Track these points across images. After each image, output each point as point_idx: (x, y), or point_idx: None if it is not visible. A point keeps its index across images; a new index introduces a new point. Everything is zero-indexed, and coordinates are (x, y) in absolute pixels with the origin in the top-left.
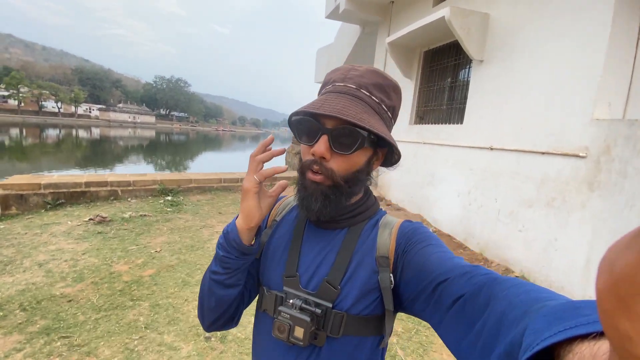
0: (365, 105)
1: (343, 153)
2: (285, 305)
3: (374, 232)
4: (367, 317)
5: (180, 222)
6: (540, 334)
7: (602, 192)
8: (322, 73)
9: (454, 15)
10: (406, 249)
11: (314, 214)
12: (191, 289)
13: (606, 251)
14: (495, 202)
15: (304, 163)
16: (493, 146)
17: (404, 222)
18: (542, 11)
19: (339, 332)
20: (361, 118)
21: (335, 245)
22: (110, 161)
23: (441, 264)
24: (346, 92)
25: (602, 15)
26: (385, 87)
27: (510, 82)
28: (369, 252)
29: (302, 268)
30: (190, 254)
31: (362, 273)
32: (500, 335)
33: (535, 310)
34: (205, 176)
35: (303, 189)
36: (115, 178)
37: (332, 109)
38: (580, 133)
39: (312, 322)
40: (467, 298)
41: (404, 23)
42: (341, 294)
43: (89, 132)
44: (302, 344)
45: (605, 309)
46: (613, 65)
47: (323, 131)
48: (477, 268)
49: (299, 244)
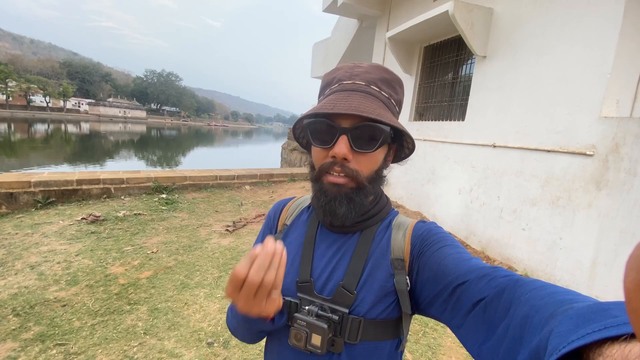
0: (378, 100)
1: (366, 151)
2: (301, 313)
3: (388, 234)
4: (384, 320)
5: (176, 221)
6: (567, 336)
7: (610, 190)
8: (318, 68)
9: (457, 10)
10: (422, 251)
11: (340, 218)
12: (190, 291)
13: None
14: (498, 200)
15: (322, 167)
16: (496, 143)
17: (417, 223)
18: (549, 6)
19: (356, 338)
20: (379, 114)
21: (349, 248)
22: (101, 157)
23: (458, 266)
24: (357, 90)
25: (612, 11)
26: (392, 82)
27: (515, 78)
28: (383, 255)
29: (315, 273)
30: (188, 254)
31: (378, 276)
32: (524, 339)
33: (561, 312)
34: (201, 173)
35: (322, 194)
36: (108, 175)
37: (348, 107)
38: (587, 131)
39: (330, 329)
40: (487, 302)
41: (404, 18)
42: (357, 298)
43: (79, 127)
44: (320, 352)
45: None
46: (622, 62)
47: (341, 131)
48: (497, 270)
49: (312, 249)
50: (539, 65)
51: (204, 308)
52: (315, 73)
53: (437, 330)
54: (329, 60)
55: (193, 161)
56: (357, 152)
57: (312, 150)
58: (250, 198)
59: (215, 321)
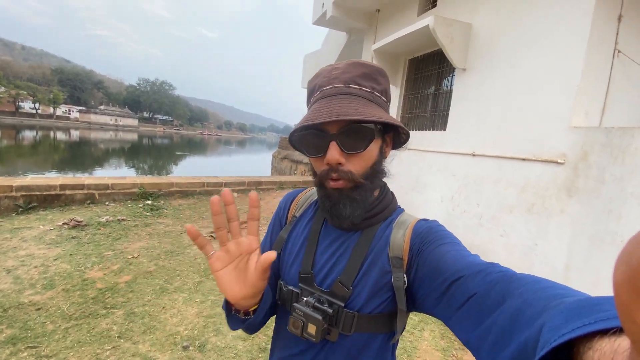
0: (360, 98)
1: (357, 152)
2: (300, 303)
3: (388, 232)
4: (378, 315)
5: (160, 227)
6: (558, 330)
7: (580, 197)
8: (309, 79)
9: (437, 24)
10: (420, 249)
11: (346, 219)
12: (169, 296)
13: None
14: (478, 207)
15: (321, 174)
16: (475, 152)
17: (419, 222)
18: (522, 20)
19: (350, 329)
20: (362, 112)
21: (350, 246)
22: (90, 165)
23: (455, 262)
24: (336, 93)
25: (579, 25)
26: (371, 74)
27: (492, 89)
28: (381, 252)
29: (317, 267)
30: (170, 259)
31: (374, 273)
32: (515, 332)
33: (552, 307)
34: (188, 180)
35: (327, 198)
36: (93, 181)
37: (330, 113)
38: (558, 140)
39: (325, 321)
40: (480, 296)
41: (390, 31)
42: (353, 293)
43: (68, 134)
44: (315, 340)
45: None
46: (590, 75)
47: (329, 138)
48: (492, 266)
49: (315, 243)
50: (513, 76)
51: (181, 312)
52: (305, 84)
53: (414, 334)
54: None
55: (183, 169)
56: (349, 154)
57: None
58: (237, 205)
59: (192, 325)
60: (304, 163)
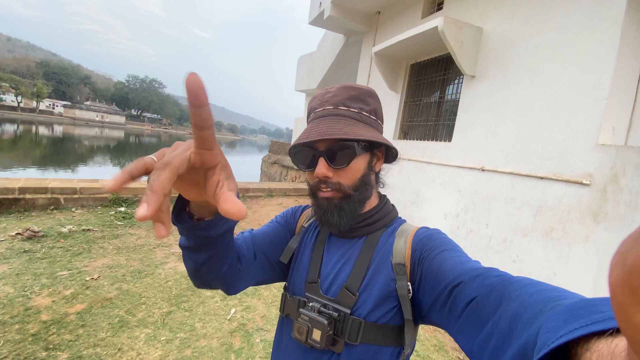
0: (347, 118)
1: (342, 167)
2: (306, 309)
3: (391, 240)
4: (385, 325)
5: (131, 239)
6: (555, 332)
7: (609, 224)
8: (302, 81)
9: (447, 26)
10: (422, 256)
11: (334, 227)
12: (129, 332)
13: (620, 245)
14: (487, 227)
15: (313, 186)
16: (485, 167)
17: (420, 229)
18: (541, 27)
19: (357, 339)
20: (346, 132)
21: (354, 253)
22: (71, 162)
23: (455, 268)
24: (326, 115)
25: (608, 34)
26: (360, 96)
27: (505, 100)
28: (385, 259)
29: (323, 275)
30: (136, 282)
31: (379, 280)
32: (513, 335)
33: (549, 309)
34: None
35: (318, 208)
36: (59, 184)
37: (318, 133)
38: (583, 159)
39: (330, 326)
40: (479, 300)
41: (390, 35)
42: (359, 300)
43: (51, 130)
44: (319, 347)
45: (619, 302)
46: (619, 88)
47: (318, 155)
48: (490, 270)
49: (321, 252)
50: (531, 87)
51: (141, 356)
52: (299, 86)
53: None
54: (314, 73)
55: None
56: (336, 169)
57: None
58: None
59: None
60: (295, 169)
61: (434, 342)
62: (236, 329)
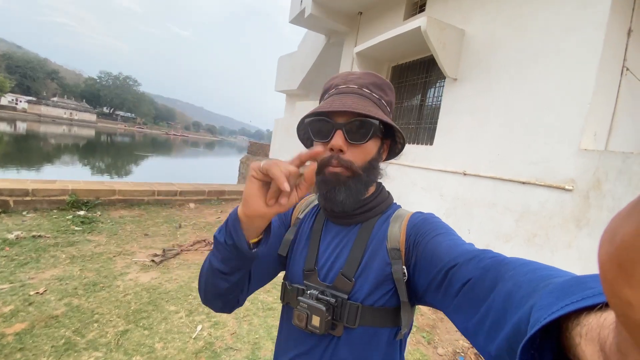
0: (369, 100)
1: (358, 143)
2: (304, 296)
3: (386, 225)
4: (382, 308)
5: (88, 246)
6: (547, 309)
7: (592, 230)
8: (283, 81)
9: (430, 27)
10: (417, 240)
11: (339, 204)
12: (76, 356)
13: (609, 223)
14: (469, 233)
15: (322, 161)
16: (467, 171)
17: (414, 214)
18: (524, 31)
19: (355, 322)
20: (370, 110)
21: (350, 239)
22: (35, 161)
23: (450, 251)
24: (350, 92)
25: (592, 39)
26: (382, 85)
27: (488, 104)
28: (380, 245)
29: (320, 262)
30: (89, 296)
31: (375, 265)
32: (507, 314)
33: (542, 287)
34: (135, 187)
35: (324, 184)
36: (9, 185)
37: (342, 105)
38: (565, 164)
39: (328, 312)
40: (474, 281)
41: (372, 36)
42: (356, 285)
43: (13, 126)
44: (319, 332)
45: (607, 278)
46: (601, 93)
47: (337, 127)
48: (485, 252)
49: (318, 240)
50: (514, 91)
51: None
52: (280, 87)
53: None
54: (295, 74)
55: (141, 172)
56: (351, 144)
57: (314, 145)
58: (192, 219)
59: None
60: None
61: (417, 355)
62: (202, 349)
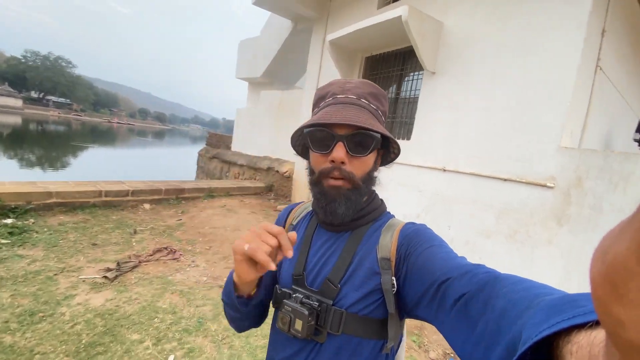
0: (368, 112)
1: (360, 156)
2: (290, 300)
3: (377, 234)
4: (367, 318)
5: (20, 264)
6: (538, 326)
7: (573, 227)
8: (245, 68)
9: (411, 17)
10: (409, 251)
11: (340, 216)
12: None
13: (600, 241)
14: (449, 229)
15: (322, 171)
16: (446, 167)
17: (406, 224)
18: (504, 26)
19: (338, 329)
20: (371, 123)
21: (339, 246)
22: None
23: (443, 264)
24: (349, 102)
25: (573, 37)
26: (378, 95)
27: (467, 99)
28: (369, 253)
29: (308, 267)
30: (26, 330)
31: (361, 273)
32: (501, 332)
33: (534, 305)
34: (76, 187)
35: (323, 196)
36: None
37: (344, 117)
38: (546, 161)
39: (311, 316)
40: (468, 297)
41: (344, 23)
42: (341, 292)
43: None
44: (301, 336)
45: (598, 296)
46: (579, 91)
47: (338, 138)
48: (478, 267)
49: (308, 246)
50: (494, 87)
51: None
52: (241, 73)
53: None
54: (258, 60)
55: (80, 168)
56: (352, 157)
57: (311, 156)
58: (149, 222)
59: None
60: (239, 165)
61: None
62: None
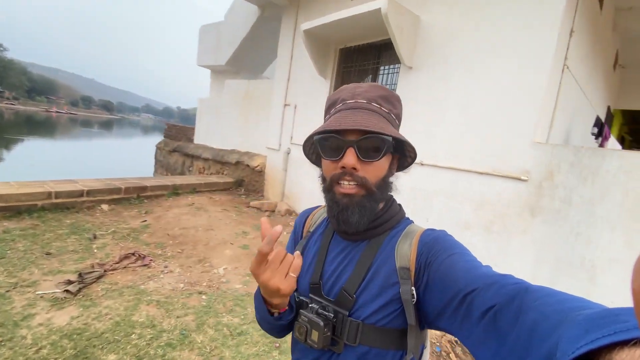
0: (379, 115)
1: (371, 160)
2: (307, 310)
3: (394, 242)
4: (385, 328)
5: None
6: (576, 341)
7: (545, 218)
8: (207, 55)
9: (391, 10)
10: (429, 260)
11: (353, 225)
12: None
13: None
14: (427, 222)
15: (333, 177)
16: (424, 162)
17: (425, 231)
18: (480, 23)
19: (355, 340)
20: (381, 127)
21: (355, 256)
22: None
23: (467, 274)
24: (360, 107)
25: (547, 35)
26: (390, 98)
27: (445, 94)
28: (386, 262)
29: (325, 277)
30: None
31: (378, 283)
32: (533, 347)
33: (570, 319)
34: (20, 188)
35: (335, 204)
36: None
37: (353, 122)
38: (521, 156)
39: (327, 327)
40: (497, 310)
41: (316, 13)
42: (357, 302)
43: None
44: (316, 347)
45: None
46: (551, 89)
47: (348, 144)
48: (505, 277)
49: (325, 254)
50: (471, 82)
51: None
52: (203, 60)
53: None
54: (222, 47)
55: (16, 165)
56: (363, 162)
57: (323, 163)
58: (110, 225)
59: None
60: (203, 159)
61: None
62: None
